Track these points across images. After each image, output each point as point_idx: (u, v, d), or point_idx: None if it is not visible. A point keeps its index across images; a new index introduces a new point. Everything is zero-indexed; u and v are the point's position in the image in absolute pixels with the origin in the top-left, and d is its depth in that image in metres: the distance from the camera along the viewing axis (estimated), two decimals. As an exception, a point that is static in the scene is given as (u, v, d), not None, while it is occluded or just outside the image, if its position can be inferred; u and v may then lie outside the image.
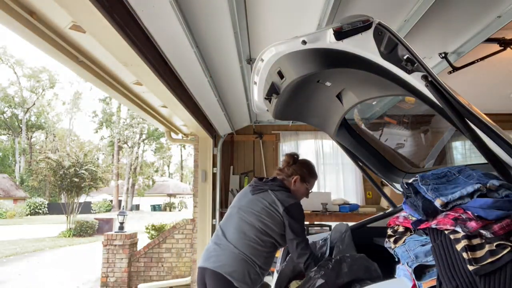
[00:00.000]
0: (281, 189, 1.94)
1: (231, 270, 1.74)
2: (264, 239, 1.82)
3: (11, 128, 35.85)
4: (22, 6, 2.11)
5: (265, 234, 1.82)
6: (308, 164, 2.12)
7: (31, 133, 36.96)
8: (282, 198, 1.87)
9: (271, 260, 1.89)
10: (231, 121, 4.80)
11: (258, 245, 1.81)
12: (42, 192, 30.21)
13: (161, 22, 2.08)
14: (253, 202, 1.91)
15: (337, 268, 1.51)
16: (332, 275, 1.49)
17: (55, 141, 31.53)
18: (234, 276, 1.73)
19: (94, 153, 20.64)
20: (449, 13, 2.20)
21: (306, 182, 2.05)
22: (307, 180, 2.05)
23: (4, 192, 27.41)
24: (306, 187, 2.05)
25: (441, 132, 2.38)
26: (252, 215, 1.85)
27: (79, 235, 15.12)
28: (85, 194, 18.79)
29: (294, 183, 2.02)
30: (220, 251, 1.81)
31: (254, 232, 1.82)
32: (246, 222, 1.85)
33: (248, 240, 1.81)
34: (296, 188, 2.02)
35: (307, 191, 2.07)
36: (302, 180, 2.03)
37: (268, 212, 1.84)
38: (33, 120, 37.56)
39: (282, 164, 2.12)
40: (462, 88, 2.13)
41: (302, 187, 2.04)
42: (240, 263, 1.76)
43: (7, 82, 35.47)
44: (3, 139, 37.56)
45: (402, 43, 1.07)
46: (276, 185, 1.96)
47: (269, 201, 1.87)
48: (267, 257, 1.85)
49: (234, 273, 1.74)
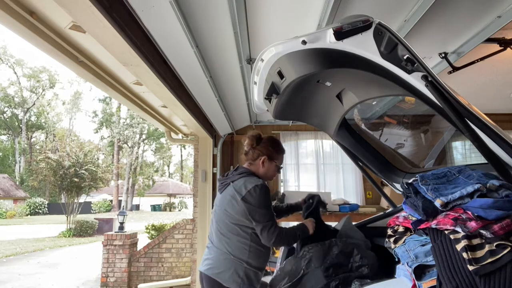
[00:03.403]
0: (241, 176, 1.88)
1: (218, 272, 1.80)
2: (239, 233, 1.82)
3: (11, 128, 35.86)
4: (22, 6, 2.11)
5: (238, 228, 1.82)
6: (273, 140, 2.04)
7: (31, 133, 36.97)
8: (238, 188, 1.82)
9: (260, 254, 1.85)
10: (231, 121, 4.79)
11: (236, 241, 1.82)
12: (42, 192, 30.21)
13: (161, 22, 2.08)
14: (221, 200, 1.91)
15: (327, 249, 1.55)
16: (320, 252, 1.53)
17: (55, 141, 31.55)
18: (222, 277, 1.78)
19: (94, 153, 20.63)
20: (449, 13, 2.20)
21: (274, 160, 1.98)
22: (275, 157, 1.98)
23: (4, 192, 27.41)
24: (276, 164, 1.99)
25: (441, 132, 2.38)
26: (222, 213, 1.87)
27: (79, 235, 15.13)
28: (85, 194, 18.82)
29: (262, 164, 1.95)
30: (209, 254, 1.88)
31: (228, 229, 1.84)
32: (220, 221, 1.88)
33: (226, 238, 1.83)
34: (265, 169, 1.96)
35: (277, 168, 2.01)
36: (270, 159, 1.96)
37: (231, 205, 1.83)
38: (33, 120, 37.57)
39: (245, 147, 2.00)
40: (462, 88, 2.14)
41: (271, 166, 1.97)
42: (226, 263, 1.80)
43: (7, 82, 35.51)
44: (3, 139, 37.60)
45: (402, 43, 1.07)
46: (237, 174, 1.92)
47: (230, 195, 1.84)
48: (251, 251, 1.82)
49: (222, 274, 1.79)
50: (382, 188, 2.37)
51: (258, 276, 1.88)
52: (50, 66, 41.30)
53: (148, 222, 9.37)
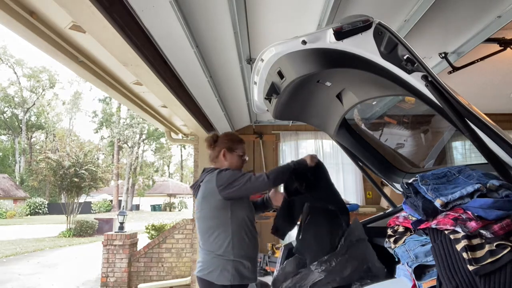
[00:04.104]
0: (207, 174, 1.98)
1: (208, 272, 1.84)
2: (219, 229, 1.87)
3: (11, 128, 35.86)
4: (22, 6, 2.11)
5: (217, 224, 1.88)
6: (229, 133, 2.16)
7: (31, 133, 36.96)
8: (208, 181, 1.91)
9: (243, 244, 1.88)
10: (231, 121, 4.79)
11: (218, 239, 1.86)
12: (42, 192, 30.22)
13: (161, 22, 2.08)
14: (197, 203, 2.00)
15: (340, 268, 1.50)
16: (333, 273, 1.49)
17: (55, 141, 31.53)
18: (212, 276, 1.83)
19: (94, 153, 20.63)
20: (449, 13, 2.20)
21: (234, 150, 2.05)
22: (234, 147, 2.05)
23: (4, 192, 27.40)
24: (238, 154, 2.06)
25: (441, 132, 2.38)
26: (202, 215, 1.94)
27: (79, 235, 15.12)
28: (85, 194, 18.80)
29: (224, 158, 2.03)
30: (200, 257, 1.95)
31: (209, 228, 1.90)
32: (201, 223, 1.95)
33: (209, 238, 1.89)
34: (228, 161, 2.03)
35: (241, 158, 2.07)
36: (229, 150, 2.03)
37: (207, 202, 1.90)
38: (33, 120, 37.57)
39: (207, 148, 2.11)
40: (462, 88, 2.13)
41: (233, 156, 2.04)
42: (213, 262, 1.85)
43: (7, 82, 35.51)
44: (3, 139, 37.59)
45: (402, 43, 1.07)
46: (203, 174, 2.02)
47: (203, 192, 1.93)
48: (234, 243, 1.85)
49: (212, 274, 1.83)
50: (382, 188, 2.37)
51: (250, 266, 1.90)
52: (50, 66, 41.26)
53: (148, 222, 9.37)
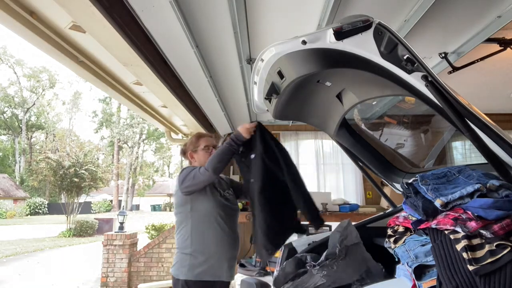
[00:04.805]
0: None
1: (172, 268, 2.02)
2: (181, 225, 2.04)
3: (11, 128, 35.86)
4: (22, 6, 2.11)
5: (180, 221, 2.05)
6: (191, 137, 2.29)
7: (31, 133, 36.96)
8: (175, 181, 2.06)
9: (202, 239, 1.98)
10: (231, 121, 4.79)
11: (181, 235, 2.03)
12: (42, 192, 30.22)
13: (161, 22, 2.08)
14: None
15: (342, 271, 1.50)
16: (334, 277, 1.48)
17: (55, 141, 31.49)
18: (173, 271, 1.99)
19: (94, 153, 20.62)
20: (449, 13, 2.20)
21: (197, 148, 2.17)
22: (196, 145, 2.18)
23: (4, 192, 27.41)
24: (201, 149, 2.17)
25: (441, 132, 2.38)
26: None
27: (79, 235, 15.11)
28: (85, 194, 18.78)
29: (193, 159, 2.19)
30: None
31: (177, 226, 2.07)
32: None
33: (176, 233, 2.08)
34: (197, 160, 2.17)
35: (207, 150, 2.17)
36: (194, 151, 2.18)
37: (174, 199, 2.08)
38: (33, 120, 37.57)
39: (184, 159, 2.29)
40: (462, 88, 2.14)
41: (199, 154, 2.17)
42: (176, 257, 2.03)
43: (7, 82, 35.51)
44: (3, 139, 37.58)
45: (402, 43, 1.07)
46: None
47: (173, 192, 2.14)
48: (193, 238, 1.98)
49: (173, 268, 2.00)
50: (382, 188, 2.36)
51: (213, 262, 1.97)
52: (50, 66, 41.35)
53: (148, 222, 9.37)
